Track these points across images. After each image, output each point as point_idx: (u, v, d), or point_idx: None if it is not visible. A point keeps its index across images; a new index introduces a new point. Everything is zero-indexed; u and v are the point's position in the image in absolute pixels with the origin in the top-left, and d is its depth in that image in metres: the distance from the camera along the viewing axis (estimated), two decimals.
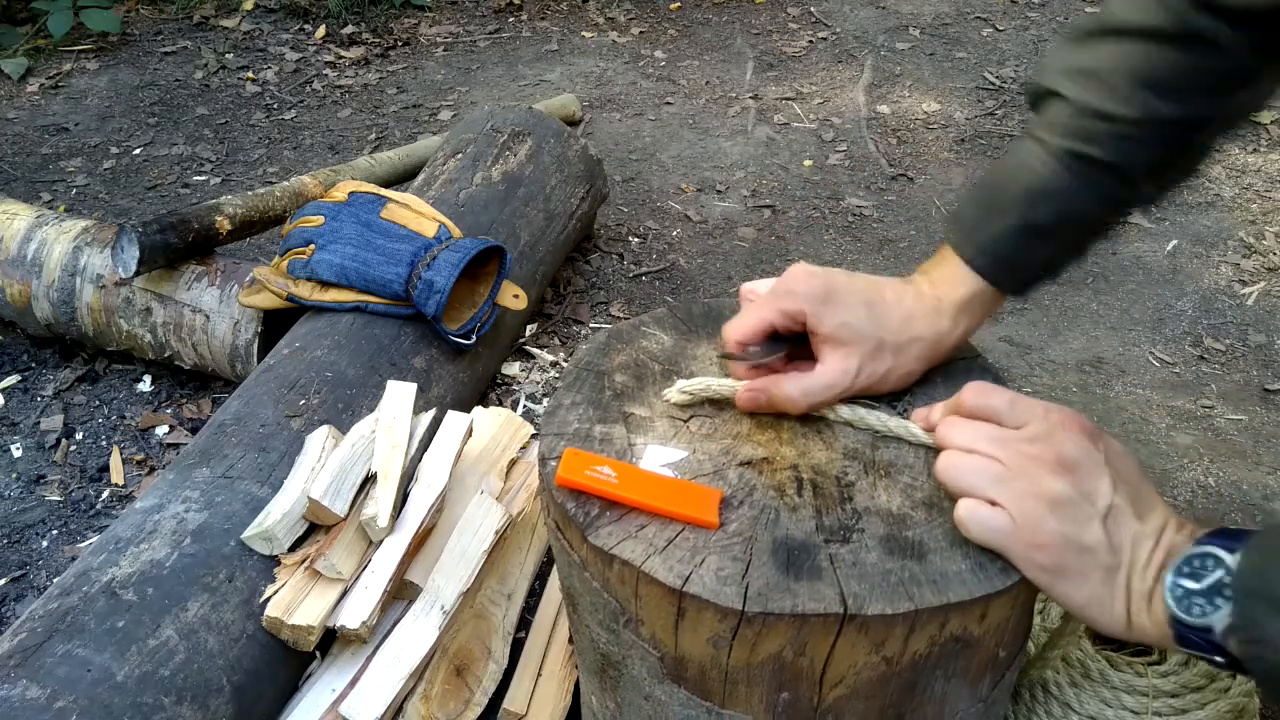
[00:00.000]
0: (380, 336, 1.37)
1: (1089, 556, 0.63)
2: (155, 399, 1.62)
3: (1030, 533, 0.63)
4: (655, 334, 0.87)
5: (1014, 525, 0.64)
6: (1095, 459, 0.64)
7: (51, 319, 1.60)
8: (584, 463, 0.71)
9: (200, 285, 1.52)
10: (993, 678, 0.73)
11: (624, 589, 0.67)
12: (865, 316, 0.76)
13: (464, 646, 1.11)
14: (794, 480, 0.72)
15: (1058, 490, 0.63)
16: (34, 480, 1.49)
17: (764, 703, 0.68)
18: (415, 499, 1.10)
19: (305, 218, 1.45)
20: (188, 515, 1.07)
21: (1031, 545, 0.63)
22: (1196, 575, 0.60)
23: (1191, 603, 0.60)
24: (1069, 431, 0.65)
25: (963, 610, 0.63)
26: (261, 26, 2.99)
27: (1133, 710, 0.89)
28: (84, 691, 0.89)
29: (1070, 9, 3.08)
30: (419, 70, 2.78)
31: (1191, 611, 0.60)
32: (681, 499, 0.69)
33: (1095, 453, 0.65)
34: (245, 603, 1.02)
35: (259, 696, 1.01)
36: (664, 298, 1.87)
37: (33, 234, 1.60)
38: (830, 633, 0.63)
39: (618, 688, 0.75)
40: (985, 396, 0.68)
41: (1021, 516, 0.63)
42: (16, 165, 2.30)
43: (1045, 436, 0.65)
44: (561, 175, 1.78)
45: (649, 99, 2.61)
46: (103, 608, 0.96)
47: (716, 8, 3.13)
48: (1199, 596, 0.60)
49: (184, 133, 2.45)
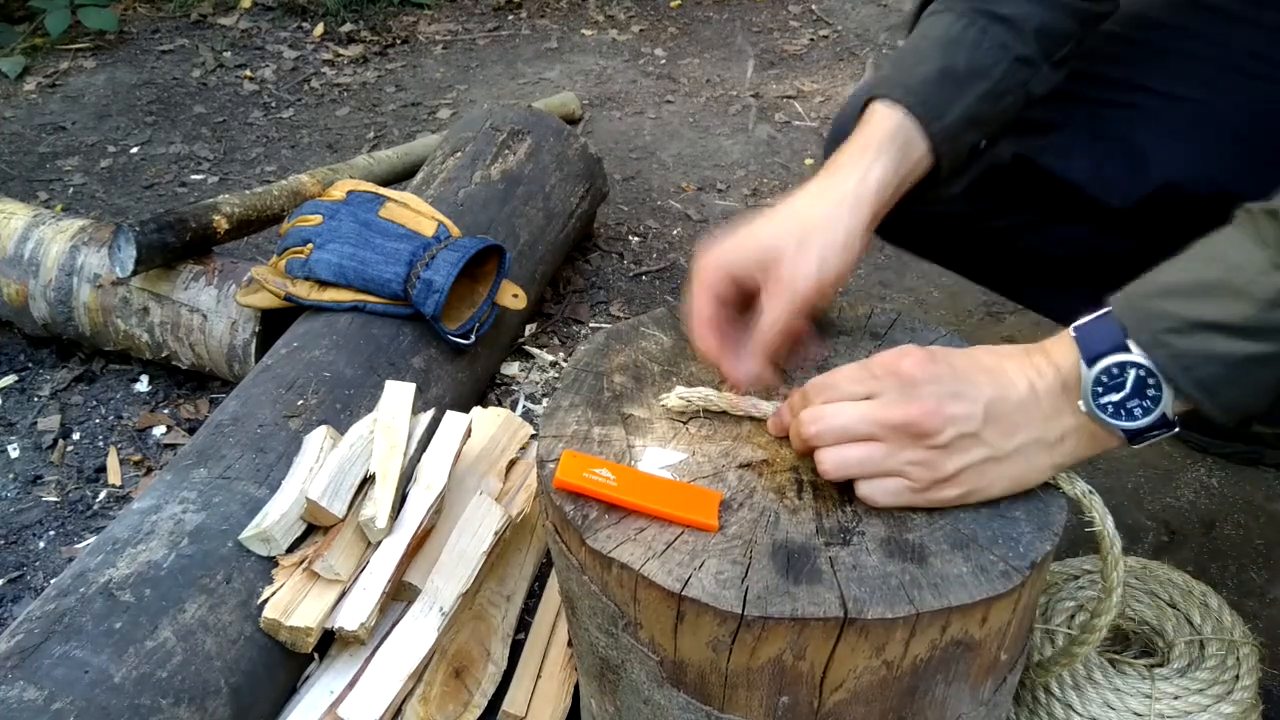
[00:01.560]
0: (379, 336, 1.36)
1: (993, 464, 0.67)
2: (152, 399, 1.62)
3: (932, 483, 0.67)
4: (654, 334, 0.86)
5: (915, 483, 0.67)
6: (947, 382, 0.66)
7: (48, 319, 1.59)
8: (582, 465, 0.70)
9: (198, 285, 1.51)
10: (994, 681, 0.73)
11: (623, 592, 0.67)
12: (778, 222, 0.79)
13: (463, 648, 1.11)
14: (794, 482, 0.72)
15: (939, 437, 0.65)
16: (31, 481, 1.48)
17: (764, 706, 0.67)
18: (414, 500, 1.10)
19: (303, 217, 1.44)
20: (185, 516, 1.07)
21: (939, 491, 0.67)
22: (1117, 386, 0.64)
23: (1128, 408, 0.64)
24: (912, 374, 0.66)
25: (964, 613, 0.63)
26: (259, 25, 2.99)
27: (1135, 712, 0.89)
28: (81, 693, 0.88)
29: None
30: (418, 68, 2.77)
31: (1135, 415, 0.64)
32: (681, 502, 0.69)
33: (943, 373, 0.66)
34: (243, 604, 1.02)
35: (257, 698, 1.00)
36: (664, 297, 1.87)
37: (29, 233, 1.59)
38: (830, 636, 0.62)
39: (617, 691, 0.75)
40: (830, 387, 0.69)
41: (918, 473, 0.67)
42: (13, 164, 2.30)
43: (898, 393, 0.66)
44: (561, 174, 1.77)
45: (649, 97, 2.60)
46: (100, 609, 0.96)
47: (717, 5, 3.13)
48: (1131, 399, 0.64)
49: (181, 131, 2.45)
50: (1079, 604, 0.98)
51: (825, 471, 0.69)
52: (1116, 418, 0.65)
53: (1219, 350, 0.62)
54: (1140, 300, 0.65)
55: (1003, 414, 0.66)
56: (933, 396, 0.66)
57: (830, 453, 0.68)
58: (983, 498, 0.69)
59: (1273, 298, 0.61)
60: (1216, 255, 0.64)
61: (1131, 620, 0.98)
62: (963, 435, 0.66)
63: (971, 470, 0.67)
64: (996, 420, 0.66)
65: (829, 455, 0.68)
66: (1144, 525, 1.35)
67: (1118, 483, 1.41)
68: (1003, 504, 0.70)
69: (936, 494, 0.68)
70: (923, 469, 0.67)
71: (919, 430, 0.65)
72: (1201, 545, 1.32)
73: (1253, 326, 0.61)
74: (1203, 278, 0.64)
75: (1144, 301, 0.65)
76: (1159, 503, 1.39)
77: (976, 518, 0.69)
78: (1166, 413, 0.64)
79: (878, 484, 0.68)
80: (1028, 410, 0.66)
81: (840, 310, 0.89)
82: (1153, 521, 1.36)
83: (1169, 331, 0.63)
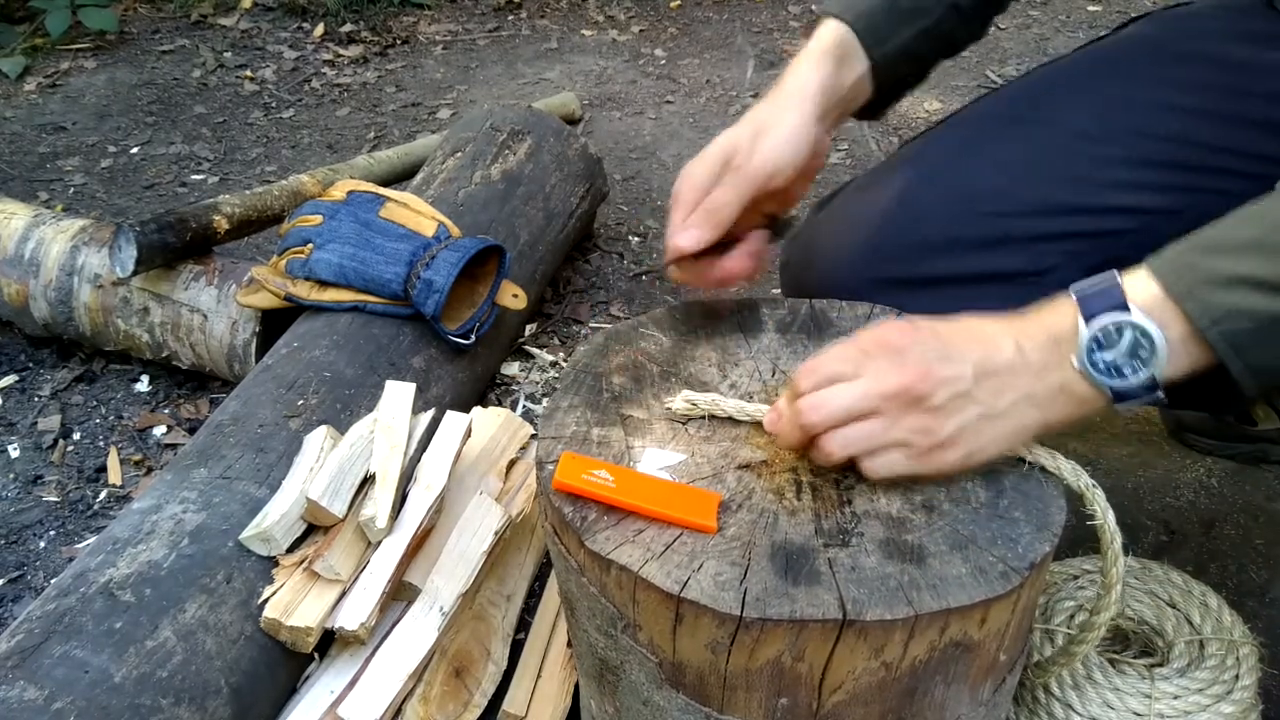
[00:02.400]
0: (379, 336, 1.36)
1: (988, 423, 0.68)
2: (153, 399, 1.62)
3: (932, 447, 0.67)
4: (654, 335, 0.86)
5: (917, 453, 0.68)
6: (932, 350, 0.67)
7: (49, 319, 1.60)
8: (581, 466, 0.70)
9: (198, 285, 1.51)
10: (993, 681, 0.73)
11: (621, 594, 0.67)
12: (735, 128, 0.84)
13: (463, 648, 1.11)
14: (793, 483, 0.72)
15: (934, 399, 0.66)
16: (31, 481, 1.48)
17: (763, 708, 0.67)
18: (414, 500, 1.10)
19: (303, 217, 1.44)
20: (185, 516, 1.07)
21: (941, 455, 0.68)
22: (1111, 345, 0.66)
23: (1118, 367, 0.66)
24: (899, 344, 0.67)
25: (963, 615, 0.63)
26: (259, 25, 2.99)
27: (1135, 712, 0.89)
28: (82, 693, 0.89)
29: (1072, 7, 3.08)
30: (418, 69, 2.77)
31: (1124, 374, 0.66)
32: (680, 503, 0.69)
33: (928, 339, 0.68)
34: (243, 604, 1.02)
35: (257, 698, 1.00)
36: (664, 297, 1.87)
37: (30, 233, 1.59)
38: (829, 638, 0.62)
39: (616, 692, 0.75)
40: (820, 372, 0.70)
41: (918, 440, 0.67)
42: (14, 164, 2.30)
43: (889, 363, 0.67)
44: (561, 174, 1.77)
45: (649, 97, 2.60)
46: (100, 609, 0.96)
47: (717, 6, 3.12)
48: (1123, 358, 0.66)
49: (182, 131, 2.45)
50: (1079, 604, 0.98)
51: (831, 453, 0.69)
52: (1107, 375, 0.67)
53: (1254, 306, 0.63)
54: (1177, 255, 0.67)
55: (992, 371, 0.67)
56: (921, 360, 0.67)
57: (833, 435, 0.69)
58: (982, 459, 0.70)
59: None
60: (1258, 215, 0.66)
61: (1131, 620, 0.98)
62: (956, 395, 0.67)
63: (969, 430, 0.68)
64: (986, 378, 0.67)
65: (833, 438, 0.69)
66: (1144, 525, 1.35)
67: (1118, 483, 1.41)
68: (1002, 505, 0.70)
69: (939, 458, 0.68)
70: (922, 435, 0.67)
71: (914, 394, 0.66)
72: (1201, 545, 1.32)
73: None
74: (1243, 236, 0.66)
75: (1181, 256, 0.67)
76: (1159, 502, 1.39)
77: (976, 518, 0.69)
78: (1156, 375, 0.66)
79: (880, 458, 0.69)
80: (1015, 368, 0.68)
81: (840, 310, 0.89)
82: (1152, 521, 1.36)
83: (1205, 283, 0.64)
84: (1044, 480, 0.72)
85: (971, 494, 0.71)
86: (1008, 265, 0.92)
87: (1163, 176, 0.92)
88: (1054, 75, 1.03)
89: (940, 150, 1.01)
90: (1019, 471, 0.72)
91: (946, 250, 0.93)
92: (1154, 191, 0.92)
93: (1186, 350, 0.66)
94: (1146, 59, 0.98)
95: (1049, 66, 1.05)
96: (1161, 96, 0.94)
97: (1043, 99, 0.99)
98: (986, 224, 0.92)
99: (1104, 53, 1.02)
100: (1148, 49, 0.99)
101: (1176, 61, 0.96)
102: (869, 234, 0.96)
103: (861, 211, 0.99)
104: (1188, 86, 0.94)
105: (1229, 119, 0.92)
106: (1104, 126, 0.95)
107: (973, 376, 0.67)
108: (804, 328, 0.87)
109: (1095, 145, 0.94)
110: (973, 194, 0.94)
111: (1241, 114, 0.92)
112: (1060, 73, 1.02)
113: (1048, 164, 0.94)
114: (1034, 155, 0.95)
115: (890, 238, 0.95)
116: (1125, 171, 0.93)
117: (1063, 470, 0.71)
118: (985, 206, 0.93)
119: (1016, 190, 0.93)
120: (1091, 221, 0.92)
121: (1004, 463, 0.72)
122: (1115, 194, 0.92)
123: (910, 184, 0.98)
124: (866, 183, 1.02)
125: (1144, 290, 0.67)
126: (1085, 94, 0.98)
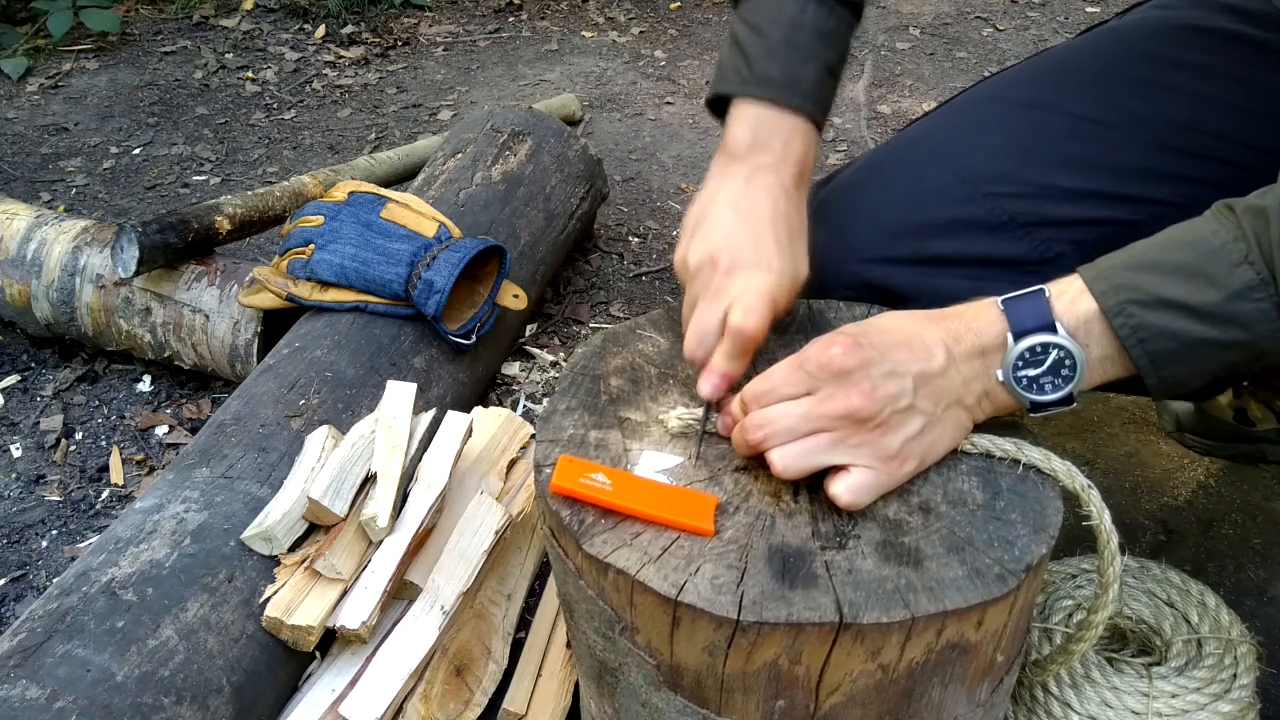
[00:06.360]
0: (380, 336, 1.37)
1: (930, 429, 0.70)
2: (155, 399, 1.63)
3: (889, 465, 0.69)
4: (651, 337, 0.87)
5: (879, 470, 0.69)
6: (876, 364, 0.68)
7: (51, 319, 1.60)
8: (578, 470, 0.70)
9: (200, 285, 1.52)
10: (991, 683, 0.73)
11: (619, 597, 0.67)
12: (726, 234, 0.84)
13: (464, 647, 1.12)
14: (790, 485, 0.72)
15: (879, 417, 0.68)
16: (33, 480, 1.49)
17: (760, 710, 0.68)
18: (415, 499, 1.10)
19: (305, 217, 1.45)
20: (187, 515, 1.07)
21: (899, 470, 0.70)
22: (1036, 363, 0.70)
23: (1040, 383, 0.70)
24: (844, 365, 0.68)
25: (959, 617, 0.63)
26: (261, 26, 2.99)
27: (1133, 711, 0.89)
28: (84, 692, 0.89)
29: (1070, 8, 3.08)
30: (419, 70, 2.78)
31: (1045, 390, 0.70)
32: (677, 506, 0.69)
33: (871, 357, 0.68)
34: (245, 603, 1.03)
35: (258, 696, 1.01)
36: (664, 298, 1.87)
37: (32, 234, 1.60)
38: (826, 641, 0.62)
39: (615, 694, 0.76)
40: (767, 395, 0.70)
41: (875, 459, 0.68)
42: (16, 165, 2.30)
43: (835, 385, 0.68)
44: (561, 175, 1.78)
45: (649, 99, 2.60)
46: (102, 608, 0.96)
47: (717, 7, 3.12)
48: (1045, 376, 0.70)
49: (183, 132, 2.45)
50: (1077, 603, 0.98)
51: (779, 471, 0.69)
52: (1028, 390, 0.71)
53: (1178, 329, 0.67)
54: (1112, 270, 0.70)
55: (928, 379, 0.69)
56: (866, 380, 0.68)
57: (779, 452, 0.69)
58: (932, 461, 0.72)
59: (1239, 290, 0.66)
60: (1193, 241, 0.69)
61: (1129, 619, 0.98)
62: (898, 411, 0.68)
63: (915, 440, 0.70)
64: (924, 385, 0.69)
65: (778, 454, 0.69)
66: (1142, 524, 1.35)
67: (1115, 482, 1.42)
68: (999, 506, 0.70)
69: (896, 472, 0.70)
70: (870, 451, 0.68)
71: (861, 416, 0.67)
72: (1199, 544, 1.33)
73: (1215, 313, 0.67)
74: (1177, 259, 0.68)
75: (1116, 272, 0.69)
76: (1156, 502, 1.39)
77: (972, 520, 0.69)
78: (1073, 392, 0.70)
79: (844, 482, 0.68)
80: (948, 376, 0.70)
81: (838, 311, 0.89)
82: (1150, 521, 1.36)
83: (1135, 303, 0.68)
84: (1040, 482, 0.72)
85: (968, 496, 0.71)
86: (1014, 251, 0.91)
87: (1168, 163, 0.91)
88: (1058, 58, 1.01)
89: (944, 132, 1.00)
90: (1015, 473, 0.73)
91: (951, 231, 0.92)
92: (1160, 179, 0.91)
93: (1105, 367, 0.70)
94: (1153, 41, 0.97)
95: (1052, 50, 1.04)
96: (1168, 80, 0.93)
97: (1046, 82, 0.98)
98: (991, 205, 0.91)
99: (1108, 36, 1.00)
100: (1154, 32, 0.98)
101: (1183, 46, 0.94)
102: (873, 213, 0.95)
103: (865, 191, 0.98)
104: (1195, 71, 0.93)
105: (1237, 108, 0.91)
106: (1108, 110, 0.93)
107: (913, 388, 0.69)
108: (802, 328, 0.87)
109: (1099, 129, 0.93)
110: (977, 175, 0.93)
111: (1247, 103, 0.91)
112: (1064, 56, 1.01)
113: (1051, 147, 0.93)
114: (1037, 138, 0.94)
115: (895, 217, 0.94)
116: (1131, 156, 0.92)
117: (1058, 471, 0.72)
118: (989, 187, 0.92)
119: (1020, 172, 0.92)
120: (1096, 208, 0.91)
121: (1002, 464, 0.73)
122: (1120, 180, 0.91)
123: (914, 164, 0.97)
124: (869, 163, 1.01)
125: (1073, 307, 0.69)
126: (1090, 77, 0.96)
